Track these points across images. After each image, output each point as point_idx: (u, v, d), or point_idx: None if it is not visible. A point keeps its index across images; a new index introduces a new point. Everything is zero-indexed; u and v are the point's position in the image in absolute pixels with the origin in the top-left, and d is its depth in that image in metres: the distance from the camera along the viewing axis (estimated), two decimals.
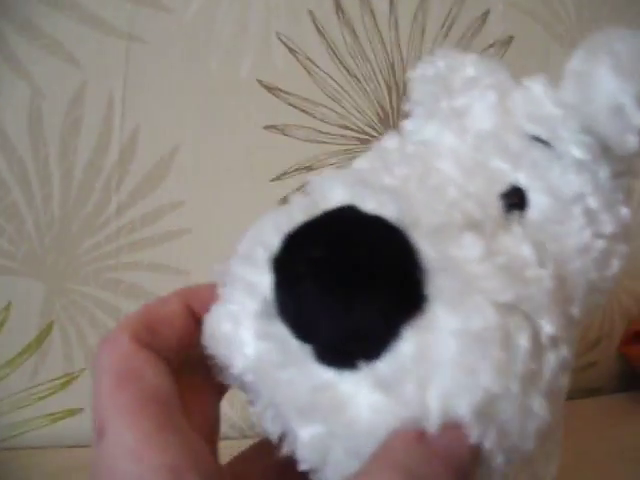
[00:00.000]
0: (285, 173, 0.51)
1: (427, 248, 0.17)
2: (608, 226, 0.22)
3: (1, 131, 0.45)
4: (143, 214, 0.49)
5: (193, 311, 0.21)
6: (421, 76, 0.27)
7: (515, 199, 0.21)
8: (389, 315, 0.16)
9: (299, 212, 0.19)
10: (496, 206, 0.21)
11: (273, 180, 0.51)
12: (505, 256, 0.19)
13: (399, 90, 0.53)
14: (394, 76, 0.53)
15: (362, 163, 0.24)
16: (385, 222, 0.18)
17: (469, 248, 0.18)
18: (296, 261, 0.18)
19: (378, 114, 0.53)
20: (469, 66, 0.25)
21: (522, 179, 0.22)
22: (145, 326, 0.20)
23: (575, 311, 0.21)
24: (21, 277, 0.47)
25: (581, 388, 0.68)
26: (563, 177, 0.22)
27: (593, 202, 0.22)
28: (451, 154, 0.22)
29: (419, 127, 0.25)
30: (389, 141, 0.25)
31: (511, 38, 0.57)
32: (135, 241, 0.49)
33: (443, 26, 0.54)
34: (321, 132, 0.51)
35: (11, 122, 0.45)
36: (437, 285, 0.17)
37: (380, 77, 0.53)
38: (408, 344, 0.16)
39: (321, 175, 0.22)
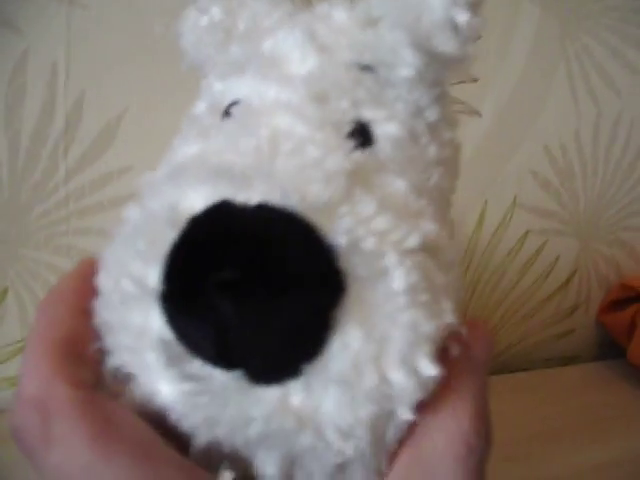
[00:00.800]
0: None
1: (327, 224, 0.16)
2: (447, 134, 0.22)
3: None
4: (92, 180, 0.49)
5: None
6: (193, 27, 0.25)
7: (362, 135, 0.21)
8: (321, 307, 0.15)
9: (161, 227, 0.17)
10: (350, 147, 0.20)
11: None
12: (392, 199, 0.19)
13: None
14: None
15: (188, 148, 0.21)
16: (274, 211, 0.16)
17: (363, 206, 0.17)
18: (198, 290, 0.15)
19: None
20: (251, 3, 0.24)
21: (364, 113, 0.21)
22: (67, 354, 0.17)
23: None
24: None
25: (558, 356, 0.67)
26: (399, 99, 0.21)
27: (432, 114, 0.22)
28: (286, 107, 0.20)
29: (230, 85, 0.23)
30: (198, 109, 0.24)
31: None
32: (85, 207, 0.49)
33: None
34: None
35: None
36: (350, 262, 0.16)
37: None
38: (353, 327, 0.15)
39: (153, 176, 0.20)
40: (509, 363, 0.64)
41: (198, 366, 0.16)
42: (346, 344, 0.15)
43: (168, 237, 0.16)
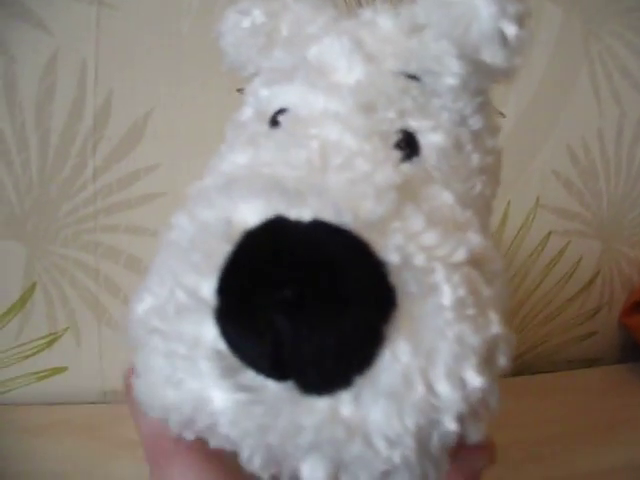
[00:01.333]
0: None
1: (379, 241, 0.17)
2: (489, 141, 0.23)
3: None
4: (119, 177, 0.50)
5: None
6: (233, 29, 0.26)
7: (409, 145, 0.21)
8: (372, 323, 0.16)
9: (216, 240, 0.17)
10: (397, 158, 0.20)
11: None
12: (439, 212, 0.19)
13: None
14: None
15: (236, 157, 0.21)
16: (328, 228, 0.16)
17: (413, 221, 0.18)
18: (253, 304, 0.16)
19: None
20: (294, 7, 0.25)
21: (410, 123, 0.21)
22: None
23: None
24: (3, 240, 0.49)
25: (581, 358, 0.66)
26: (444, 108, 0.22)
27: (475, 123, 0.22)
28: (334, 118, 0.21)
29: (277, 92, 0.23)
30: (244, 115, 0.24)
31: None
32: (112, 204, 0.50)
33: None
34: None
35: None
36: (401, 278, 0.16)
37: None
38: (402, 341, 0.16)
39: (201, 184, 0.21)
40: (531, 364, 0.63)
41: (251, 376, 0.16)
42: (396, 357, 0.16)
43: (223, 250, 0.16)
